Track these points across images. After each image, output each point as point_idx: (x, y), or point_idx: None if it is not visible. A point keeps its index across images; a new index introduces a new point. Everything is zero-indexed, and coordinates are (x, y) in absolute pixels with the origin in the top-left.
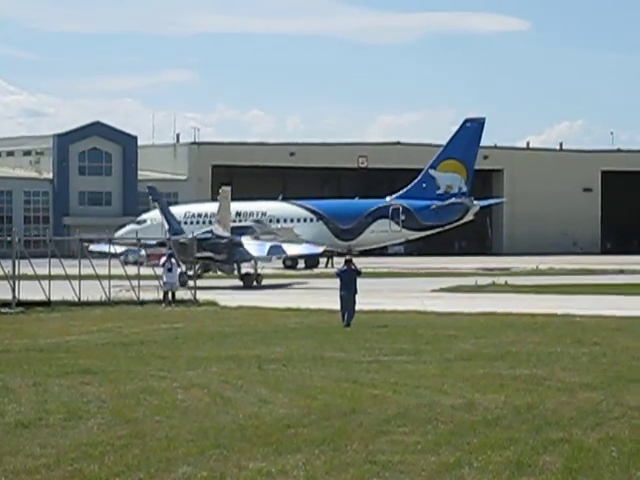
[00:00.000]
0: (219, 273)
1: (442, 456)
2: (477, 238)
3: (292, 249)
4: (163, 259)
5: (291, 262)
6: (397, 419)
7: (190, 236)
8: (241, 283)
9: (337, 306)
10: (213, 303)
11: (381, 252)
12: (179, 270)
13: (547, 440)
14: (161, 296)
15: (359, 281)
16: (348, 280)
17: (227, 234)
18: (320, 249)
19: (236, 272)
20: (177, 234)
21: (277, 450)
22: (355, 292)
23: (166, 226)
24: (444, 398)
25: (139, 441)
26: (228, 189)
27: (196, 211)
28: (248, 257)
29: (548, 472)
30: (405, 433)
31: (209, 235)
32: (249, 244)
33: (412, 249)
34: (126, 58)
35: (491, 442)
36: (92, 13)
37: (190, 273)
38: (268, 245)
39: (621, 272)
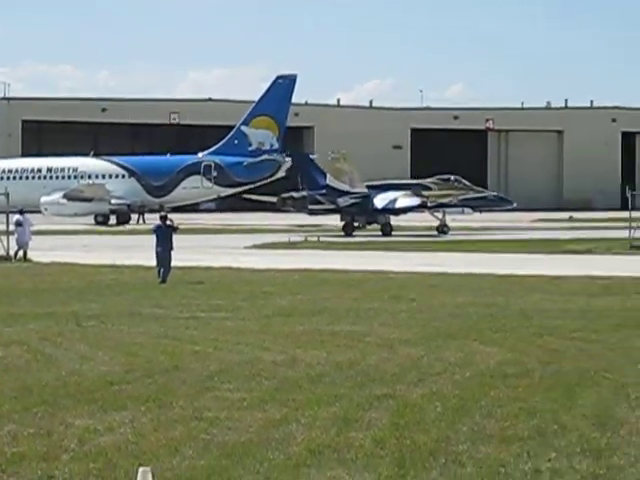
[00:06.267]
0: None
1: (268, 412)
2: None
3: (401, 202)
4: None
5: (102, 218)
6: (220, 375)
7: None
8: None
9: (152, 262)
10: (26, 260)
11: (193, 209)
12: (31, 226)
13: (371, 396)
14: None
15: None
16: (164, 236)
17: (359, 190)
18: (418, 200)
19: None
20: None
21: (102, 407)
22: (171, 248)
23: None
24: (266, 354)
25: None
26: (341, 153)
27: (7, 167)
28: (373, 210)
29: (375, 427)
30: (229, 390)
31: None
32: (377, 198)
33: (224, 205)
34: None
35: (316, 398)
36: None
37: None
38: (389, 199)
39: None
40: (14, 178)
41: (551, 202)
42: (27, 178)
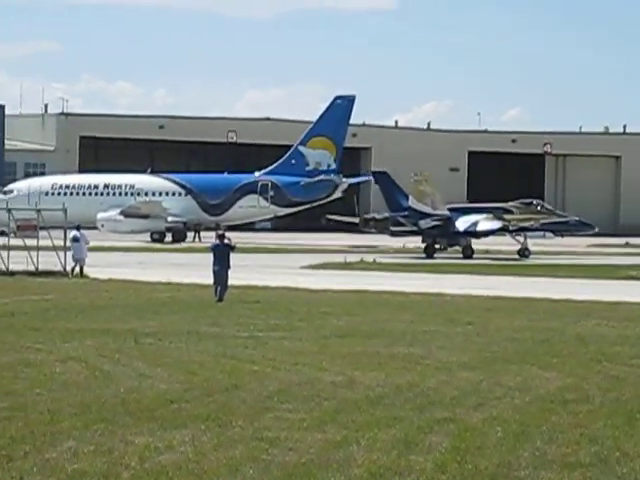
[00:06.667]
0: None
1: (328, 434)
2: (345, 215)
3: (482, 225)
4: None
5: (158, 235)
6: (279, 395)
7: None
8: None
9: (208, 281)
10: (82, 276)
11: (248, 227)
12: (87, 243)
13: (432, 419)
14: (31, 267)
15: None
16: (221, 255)
17: (441, 212)
18: (500, 224)
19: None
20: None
21: (162, 425)
22: (228, 267)
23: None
24: (324, 375)
25: (21, 414)
26: (424, 175)
27: (64, 182)
28: (454, 232)
29: (436, 451)
30: (289, 410)
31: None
32: (458, 221)
33: (279, 225)
34: None
35: (376, 420)
36: None
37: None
38: (470, 222)
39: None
40: (71, 194)
41: (607, 227)
42: (84, 194)
